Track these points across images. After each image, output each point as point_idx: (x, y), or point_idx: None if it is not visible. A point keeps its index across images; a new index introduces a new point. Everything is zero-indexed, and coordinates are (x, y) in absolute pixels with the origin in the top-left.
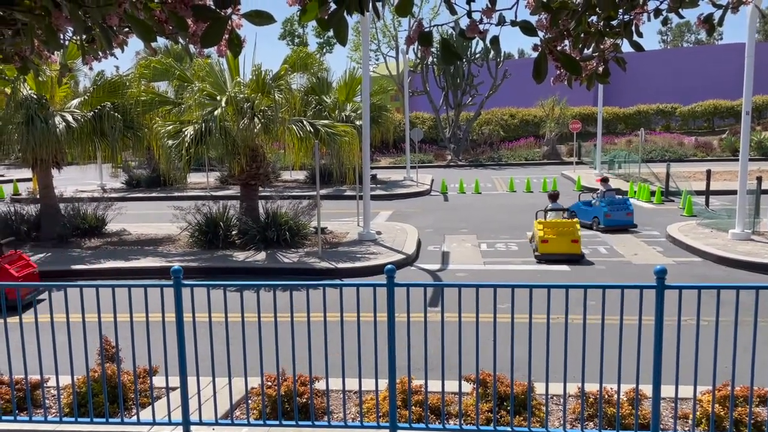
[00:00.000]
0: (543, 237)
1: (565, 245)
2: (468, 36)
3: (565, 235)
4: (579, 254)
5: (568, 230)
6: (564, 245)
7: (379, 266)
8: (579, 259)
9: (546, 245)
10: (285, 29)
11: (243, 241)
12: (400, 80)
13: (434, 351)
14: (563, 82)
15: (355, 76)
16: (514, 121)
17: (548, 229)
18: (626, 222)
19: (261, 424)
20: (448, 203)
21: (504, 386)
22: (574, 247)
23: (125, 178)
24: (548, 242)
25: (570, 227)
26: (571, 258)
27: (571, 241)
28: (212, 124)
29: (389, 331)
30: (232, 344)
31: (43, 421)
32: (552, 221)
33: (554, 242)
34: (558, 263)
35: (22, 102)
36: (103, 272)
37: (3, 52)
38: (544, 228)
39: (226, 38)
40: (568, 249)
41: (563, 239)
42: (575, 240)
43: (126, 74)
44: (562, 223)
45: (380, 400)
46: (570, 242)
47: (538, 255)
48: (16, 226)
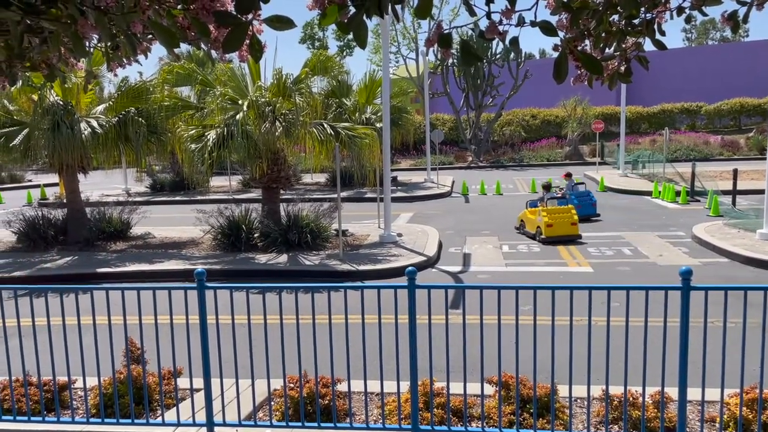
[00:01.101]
0: (548, 222)
1: (567, 228)
2: (487, 37)
3: (566, 219)
4: (578, 235)
5: (567, 215)
6: (566, 228)
7: (400, 268)
8: (578, 239)
9: (551, 229)
10: (305, 33)
11: (265, 243)
12: (421, 82)
13: (456, 353)
14: (584, 82)
15: (375, 78)
16: (535, 122)
17: (552, 215)
18: (592, 211)
19: (284, 425)
20: (469, 205)
21: (527, 389)
22: (573, 228)
23: (149, 182)
24: (552, 226)
25: (569, 212)
26: (571, 238)
27: (571, 224)
28: (234, 128)
29: (411, 333)
30: (254, 346)
31: (70, 422)
32: (553, 208)
33: (557, 226)
34: (560, 243)
35: (48, 108)
36: (128, 275)
37: (30, 60)
38: (548, 214)
39: (247, 43)
40: (569, 231)
41: (564, 223)
42: (574, 223)
43: (149, 80)
44: (561, 209)
45: (402, 403)
46: (570, 225)
47: (543, 238)
48: (43, 230)
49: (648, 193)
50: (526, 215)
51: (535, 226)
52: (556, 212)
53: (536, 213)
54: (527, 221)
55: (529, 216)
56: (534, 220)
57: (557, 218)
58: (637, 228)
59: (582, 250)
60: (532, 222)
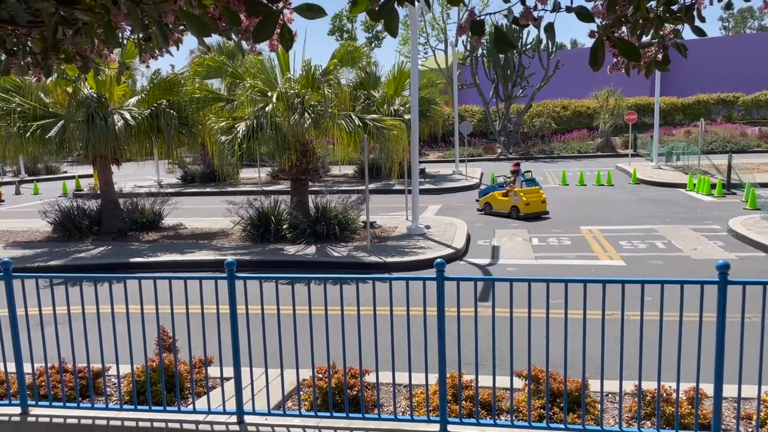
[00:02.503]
0: (526, 201)
1: (539, 206)
2: (522, 23)
3: (538, 198)
4: (546, 211)
5: (538, 195)
6: (538, 206)
7: (428, 260)
8: (547, 215)
9: (528, 207)
10: (334, 24)
11: (294, 235)
12: (449, 73)
13: (484, 346)
14: (620, 70)
15: (404, 69)
16: (566, 113)
17: (528, 195)
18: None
19: (312, 415)
20: None
21: (557, 383)
22: (543, 206)
23: (181, 173)
24: (530, 204)
25: (538, 192)
26: (542, 214)
27: (541, 202)
28: (263, 120)
29: (439, 325)
30: (283, 336)
31: (104, 408)
32: (527, 189)
33: (533, 204)
34: (534, 220)
35: (83, 101)
36: (160, 265)
37: (65, 52)
38: (525, 195)
39: (277, 32)
40: (541, 208)
41: (537, 201)
42: (544, 201)
43: (181, 72)
44: (532, 190)
45: (430, 395)
46: (541, 203)
47: (522, 215)
48: (78, 221)
49: (682, 185)
50: (495, 197)
51: (510, 206)
52: (530, 193)
53: (507, 195)
54: (496, 203)
55: (499, 198)
56: (507, 201)
57: (531, 198)
58: (671, 221)
59: (614, 243)
60: (505, 202)
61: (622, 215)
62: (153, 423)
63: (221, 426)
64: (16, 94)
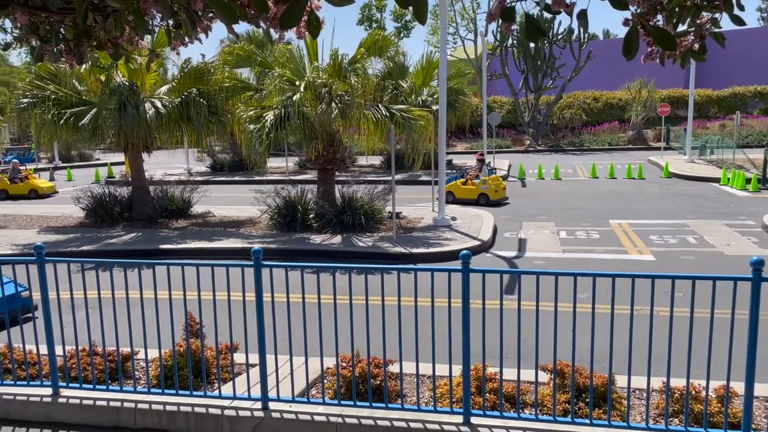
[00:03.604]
0: (495, 189)
1: (502, 193)
2: (554, 10)
3: (501, 186)
4: (506, 197)
5: (501, 183)
6: (502, 193)
7: (454, 252)
8: (507, 200)
9: (497, 194)
10: (363, 14)
11: (320, 224)
12: (478, 63)
13: (509, 339)
14: (655, 59)
15: (432, 60)
16: (597, 105)
17: (494, 183)
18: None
19: (336, 403)
20: (526, 189)
21: (582, 377)
22: (504, 192)
23: (210, 162)
24: (497, 191)
25: (499, 180)
26: (504, 200)
27: (503, 189)
28: (291, 109)
29: (464, 317)
30: (308, 324)
31: (132, 392)
32: (492, 177)
33: (499, 192)
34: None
35: (115, 89)
36: (189, 252)
37: (97, 39)
38: (491, 183)
39: (305, 20)
40: (503, 195)
41: (501, 189)
42: (504, 188)
43: (211, 61)
44: (495, 178)
45: (453, 386)
46: (503, 189)
47: (492, 201)
48: (110, 207)
49: (716, 179)
50: (457, 186)
51: (477, 193)
52: (495, 181)
53: (467, 183)
54: (459, 191)
55: (461, 187)
56: (473, 189)
57: (497, 186)
58: (704, 216)
59: (644, 237)
60: (471, 190)
61: (652, 209)
62: (179, 407)
63: (246, 412)
64: (51, 82)
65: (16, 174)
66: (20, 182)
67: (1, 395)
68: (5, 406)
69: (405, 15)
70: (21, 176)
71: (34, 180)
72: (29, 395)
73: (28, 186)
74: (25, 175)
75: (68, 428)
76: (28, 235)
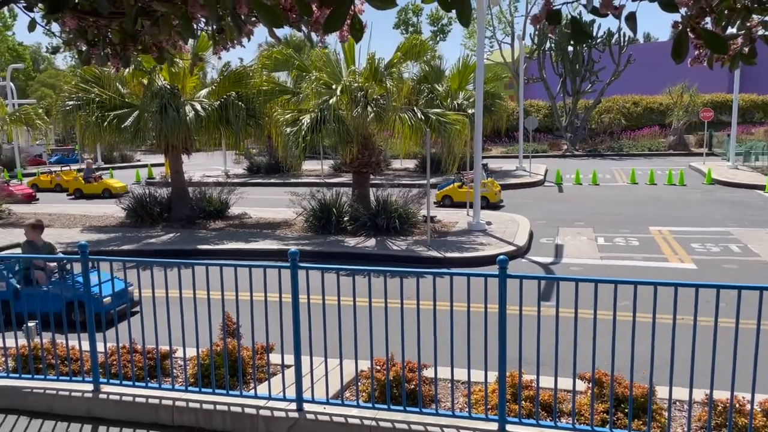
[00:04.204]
0: (495, 191)
1: (500, 196)
2: (602, 12)
3: (498, 189)
4: (502, 200)
5: (497, 186)
6: (499, 196)
7: (488, 257)
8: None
9: (497, 195)
10: (399, 18)
11: (354, 227)
12: (515, 67)
13: (546, 347)
14: (702, 63)
15: (469, 63)
16: (637, 109)
17: (494, 186)
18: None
19: (370, 406)
20: (563, 194)
21: (621, 387)
22: (500, 195)
23: (247, 164)
24: (496, 194)
25: (496, 184)
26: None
27: (499, 192)
28: (327, 112)
29: (500, 323)
30: (342, 327)
31: (170, 389)
32: (489, 180)
33: (497, 195)
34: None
35: (157, 92)
36: (225, 253)
37: (142, 43)
38: (490, 185)
39: (348, 23)
40: (500, 198)
41: (499, 191)
42: (500, 191)
43: (249, 65)
44: (491, 181)
45: (489, 393)
46: (499, 192)
47: (494, 203)
48: (150, 208)
49: (761, 187)
50: (454, 190)
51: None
52: (493, 184)
53: (462, 187)
54: (456, 194)
55: (460, 190)
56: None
57: (496, 188)
58: (748, 224)
59: (685, 245)
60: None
61: (694, 216)
62: (216, 405)
63: (281, 412)
64: (95, 85)
65: (90, 174)
66: (94, 182)
67: (45, 390)
68: (48, 401)
69: (441, 19)
70: (95, 176)
71: (108, 180)
72: (71, 390)
73: (102, 186)
74: (99, 175)
75: (108, 424)
76: (72, 234)
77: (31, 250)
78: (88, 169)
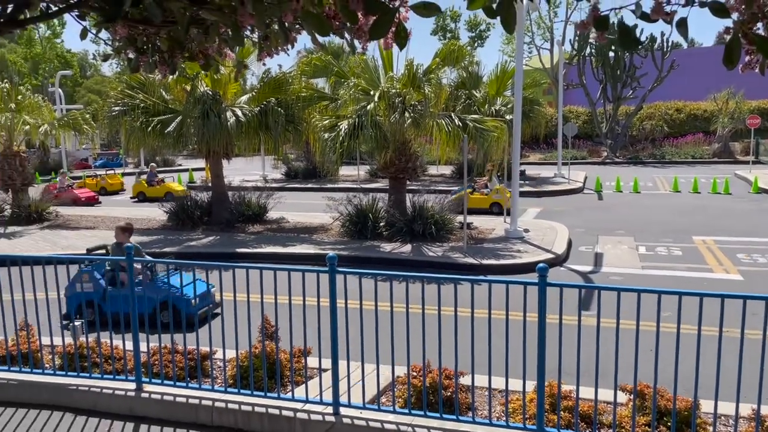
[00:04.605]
0: (509, 197)
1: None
2: (652, 18)
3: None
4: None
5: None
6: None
7: (526, 264)
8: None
9: (508, 202)
10: (437, 24)
11: (390, 232)
12: (554, 73)
13: (586, 356)
14: (754, 69)
15: (507, 69)
16: (680, 116)
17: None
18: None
19: (406, 412)
20: (603, 202)
21: (664, 400)
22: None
23: (284, 169)
24: (508, 200)
25: (507, 190)
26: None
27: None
28: (365, 118)
29: (539, 331)
30: (380, 332)
31: (210, 390)
32: (502, 187)
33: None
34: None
35: (199, 98)
36: (264, 256)
37: (189, 51)
38: (504, 192)
39: (392, 31)
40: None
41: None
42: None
43: (289, 71)
44: (503, 187)
45: (527, 402)
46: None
47: (507, 208)
48: (191, 211)
49: None
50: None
51: (489, 202)
52: (505, 191)
53: (474, 192)
54: (469, 201)
55: (471, 197)
56: (485, 198)
57: (508, 194)
58: None
59: (730, 255)
60: (482, 200)
61: (740, 226)
62: (254, 407)
63: (318, 416)
64: (140, 91)
65: (153, 178)
66: (157, 185)
67: (90, 387)
68: (93, 398)
69: (480, 24)
70: (158, 180)
71: (170, 183)
72: (115, 389)
73: (164, 189)
74: (162, 179)
75: (150, 422)
76: None
77: (119, 252)
78: (151, 173)
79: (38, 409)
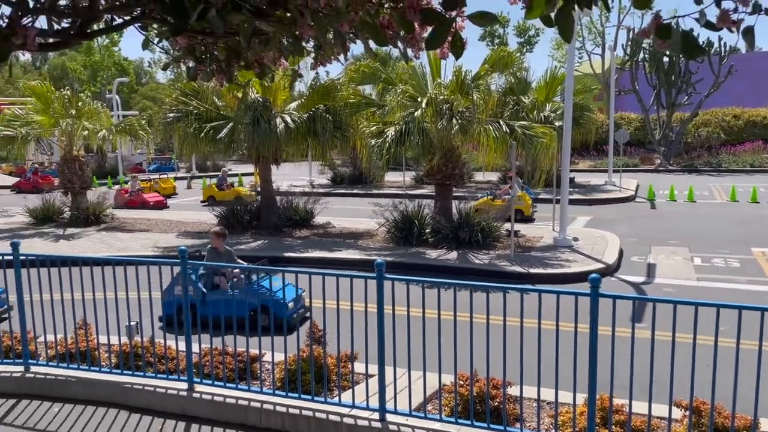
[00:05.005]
0: (531, 204)
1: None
2: (718, 27)
3: (529, 203)
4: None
5: (529, 200)
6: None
7: (575, 274)
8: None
9: (530, 209)
10: (485, 30)
11: (436, 239)
12: (606, 78)
13: (639, 370)
14: None
15: (556, 75)
16: (738, 123)
17: (528, 199)
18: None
19: (452, 421)
20: (656, 211)
21: (722, 417)
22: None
23: (331, 175)
24: (528, 207)
25: (528, 197)
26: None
27: (530, 205)
28: (411, 125)
29: (591, 343)
30: (427, 339)
31: (258, 392)
32: (523, 194)
33: (530, 207)
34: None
35: (250, 105)
36: (310, 261)
37: (245, 60)
38: (526, 198)
39: (449, 40)
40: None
41: (530, 206)
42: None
43: (337, 78)
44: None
45: (577, 415)
46: (530, 206)
47: (528, 216)
48: (240, 215)
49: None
50: (487, 203)
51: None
52: (526, 197)
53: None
54: (492, 207)
55: (493, 204)
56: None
57: (529, 201)
58: None
59: None
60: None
61: None
62: (302, 411)
63: (364, 421)
64: (194, 98)
65: (223, 182)
66: (227, 189)
67: (144, 386)
68: (147, 397)
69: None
70: (228, 184)
71: (239, 188)
72: (167, 388)
73: (233, 193)
74: (231, 183)
75: (200, 422)
76: (168, 239)
77: (214, 256)
78: (221, 177)
79: (94, 405)
